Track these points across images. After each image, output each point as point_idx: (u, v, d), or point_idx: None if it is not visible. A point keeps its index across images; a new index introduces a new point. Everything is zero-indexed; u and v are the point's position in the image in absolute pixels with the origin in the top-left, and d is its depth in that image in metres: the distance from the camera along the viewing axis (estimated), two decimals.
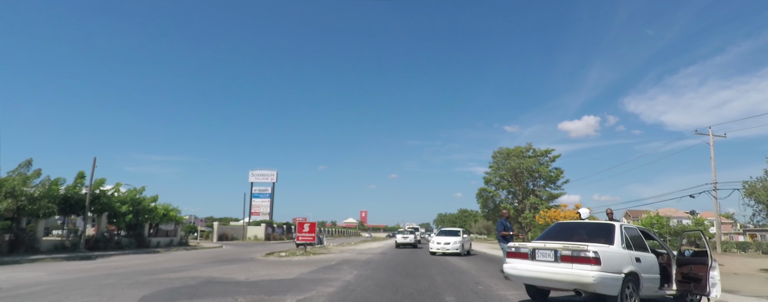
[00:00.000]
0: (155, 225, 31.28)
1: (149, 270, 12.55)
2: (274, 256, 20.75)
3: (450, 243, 22.14)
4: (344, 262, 15.56)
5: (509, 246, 7.18)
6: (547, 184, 58.77)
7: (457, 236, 22.87)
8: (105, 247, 24.45)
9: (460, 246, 22.00)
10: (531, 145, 60.77)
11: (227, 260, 18.07)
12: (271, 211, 60.26)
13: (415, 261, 16.05)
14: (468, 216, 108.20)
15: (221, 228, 50.38)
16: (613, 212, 10.46)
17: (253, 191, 61.34)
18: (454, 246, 22.01)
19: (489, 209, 62.01)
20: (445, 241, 22.30)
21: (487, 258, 20.36)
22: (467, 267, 13.45)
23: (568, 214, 42.14)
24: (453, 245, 22.05)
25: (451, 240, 22.31)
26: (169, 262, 16.64)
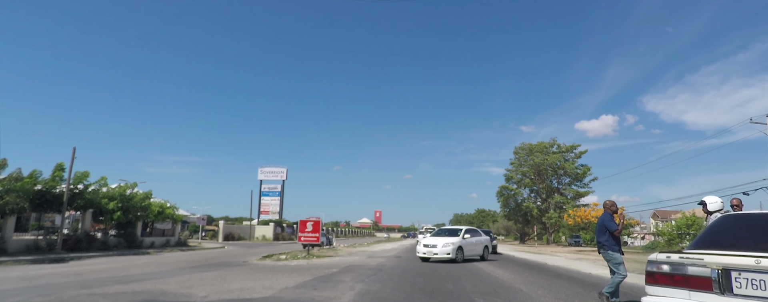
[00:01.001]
0: (150, 224, 28.77)
1: (103, 279, 9.84)
2: (270, 260, 17.89)
3: (438, 245, 16.27)
4: (349, 269, 12.56)
5: (657, 260, 3.83)
6: (573, 182, 55.03)
7: (453, 237, 17.21)
8: (87, 248, 21.94)
9: (453, 249, 16.18)
10: (555, 140, 57.15)
11: (212, 264, 15.26)
12: (280, 210, 57.72)
13: (437, 269, 12.92)
14: (486, 216, 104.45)
15: (227, 227, 47.96)
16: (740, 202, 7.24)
17: (263, 189, 58.90)
18: (444, 249, 16.12)
19: (510, 208, 58.47)
20: (432, 243, 16.61)
21: (525, 264, 17.03)
22: (511, 279, 10.27)
23: (599, 213, 38.46)
24: (442, 249, 16.15)
25: (441, 241, 16.51)
26: (142, 267, 13.91)
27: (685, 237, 47.56)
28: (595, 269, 15.79)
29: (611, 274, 6.92)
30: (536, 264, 16.90)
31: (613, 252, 6.89)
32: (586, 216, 38.57)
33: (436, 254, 16.29)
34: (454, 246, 16.36)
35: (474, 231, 18.91)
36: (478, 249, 18.45)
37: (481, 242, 18.78)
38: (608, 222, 6.99)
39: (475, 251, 18.06)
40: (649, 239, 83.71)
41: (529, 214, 54.89)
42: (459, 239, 17.03)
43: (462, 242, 16.97)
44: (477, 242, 18.38)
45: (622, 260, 6.77)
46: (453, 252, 16.21)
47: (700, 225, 47.73)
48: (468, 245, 17.43)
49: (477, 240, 18.48)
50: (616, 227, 6.94)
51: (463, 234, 17.62)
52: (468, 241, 17.56)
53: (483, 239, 19.17)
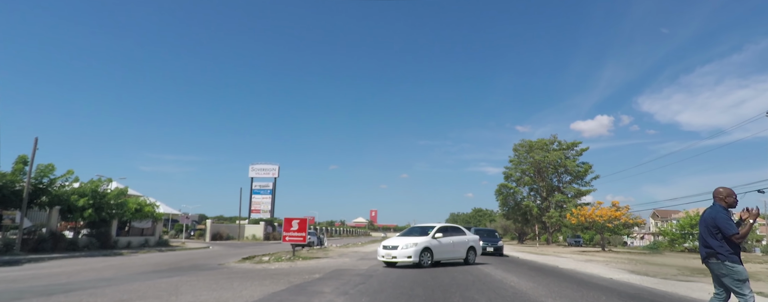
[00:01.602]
0: (127, 223, 26.77)
1: (28, 288, 8.03)
2: (250, 262, 16.01)
3: (399, 246, 13.47)
4: (334, 275, 10.70)
5: None
6: (574, 180, 53.34)
7: (421, 236, 14.21)
8: (52, 249, 19.97)
9: (416, 251, 13.28)
10: (556, 137, 55.41)
11: (180, 268, 13.37)
12: (272, 209, 55.72)
13: (439, 275, 11.08)
14: (483, 215, 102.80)
15: (215, 226, 45.95)
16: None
17: (253, 187, 56.86)
18: (404, 252, 13.30)
19: (509, 207, 56.71)
20: (392, 244, 13.82)
21: (536, 268, 15.09)
22: (531, 290, 8.39)
23: (604, 212, 36.87)
24: (402, 251, 13.32)
25: (404, 242, 13.62)
26: (99, 272, 12.02)
27: (689, 237, 46.07)
28: (615, 273, 14.02)
29: (721, 296, 4.70)
30: (549, 268, 15.09)
31: (733, 265, 4.49)
32: (590, 215, 36.85)
33: (395, 257, 13.41)
34: (417, 247, 13.47)
35: (452, 230, 15.64)
36: (458, 251, 15.17)
37: (461, 243, 15.37)
38: (723, 221, 4.55)
39: (452, 254, 14.93)
40: (649, 239, 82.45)
41: (529, 213, 53.18)
42: (426, 239, 14.01)
43: (430, 243, 13.98)
44: (456, 243, 15.10)
45: (746, 275, 4.48)
46: (416, 254, 13.32)
47: None
48: (440, 246, 14.33)
49: (455, 240, 15.12)
50: (736, 230, 4.51)
51: (433, 232, 14.35)
52: (441, 242, 14.40)
53: (466, 239, 15.66)
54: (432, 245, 14.04)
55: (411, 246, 13.50)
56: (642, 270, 16.10)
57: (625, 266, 18.35)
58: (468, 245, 15.67)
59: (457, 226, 16.32)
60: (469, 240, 15.92)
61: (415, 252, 13.35)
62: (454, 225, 16.54)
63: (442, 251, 14.46)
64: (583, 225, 38.03)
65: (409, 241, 13.74)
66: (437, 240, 14.38)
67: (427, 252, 13.76)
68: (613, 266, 18.13)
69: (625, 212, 36.76)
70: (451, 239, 15.04)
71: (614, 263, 20.30)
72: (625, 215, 36.29)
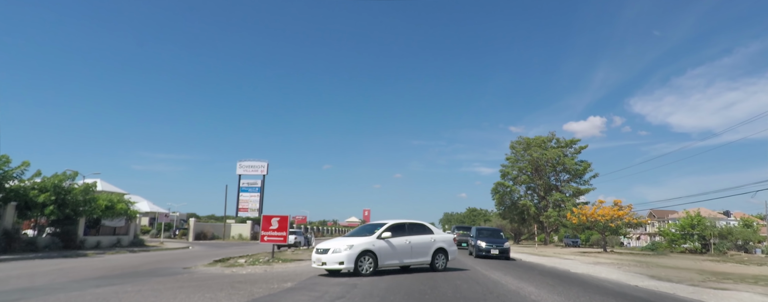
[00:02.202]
0: (97, 221, 24.71)
1: None
2: (222, 265, 14.12)
3: (330, 249, 10.71)
4: (310, 284, 8.86)
5: None
6: (573, 179, 51.81)
7: (365, 236, 11.41)
8: (6, 249, 17.93)
9: (349, 256, 10.49)
10: (554, 135, 53.87)
11: (137, 273, 11.47)
12: (260, 207, 53.54)
13: (439, 285, 9.23)
14: (477, 215, 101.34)
15: (199, 225, 43.90)
16: None
17: (241, 184, 54.69)
18: (335, 257, 10.51)
19: (505, 206, 55.10)
20: (324, 248, 10.96)
21: (549, 274, 13.09)
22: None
23: (606, 212, 35.28)
24: (332, 255, 10.54)
25: (338, 245, 10.84)
26: (44, 276, 10.16)
27: (689, 237, 44.67)
28: (636, 278, 12.31)
29: None
30: (561, 273, 13.33)
31: None
32: (591, 215, 35.25)
33: (325, 263, 10.58)
34: (352, 251, 10.54)
35: (412, 228, 12.35)
36: (420, 254, 12.12)
37: (423, 244, 12.24)
38: None
39: (410, 258, 11.89)
40: (645, 239, 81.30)
41: (526, 213, 51.58)
42: (367, 240, 11.08)
43: (373, 244, 11.04)
44: (416, 244, 12.03)
45: None
46: (349, 259, 10.46)
47: (705, 226, 44.97)
48: (389, 249, 11.34)
49: (414, 241, 12.04)
50: None
51: (380, 232, 11.41)
52: (391, 243, 11.45)
53: (430, 240, 12.47)
54: (376, 247, 11.04)
55: (343, 249, 10.56)
56: (662, 274, 14.42)
57: (639, 269, 16.69)
58: (435, 247, 12.48)
59: (419, 223, 12.83)
60: (438, 240, 12.65)
61: (349, 257, 10.49)
62: (417, 222, 12.80)
63: (391, 255, 11.40)
64: (585, 224, 36.44)
65: (343, 243, 10.79)
66: (385, 241, 11.35)
67: (366, 256, 10.82)
68: (626, 269, 16.46)
69: (628, 211, 35.21)
70: (406, 239, 11.86)
71: (625, 266, 18.64)
72: (629, 214, 34.72)
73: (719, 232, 44.22)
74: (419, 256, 12.19)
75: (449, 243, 13.06)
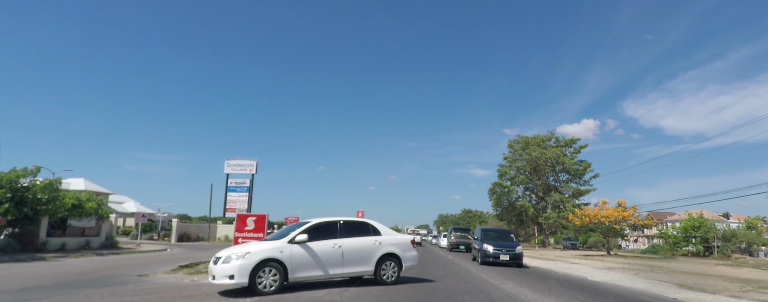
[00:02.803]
0: (63, 221, 22.65)
1: None
2: (185, 272, 12.24)
3: (220, 258, 8.13)
4: None
5: None
6: (572, 179, 50.16)
7: (277, 239, 8.86)
8: None
9: (242, 268, 7.82)
10: (553, 133, 52.22)
11: (79, 282, 9.62)
12: (248, 208, 51.40)
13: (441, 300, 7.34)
14: (473, 216, 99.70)
15: (183, 226, 41.82)
16: None
17: (229, 184, 52.14)
18: (224, 269, 7.86)
19: (503, 207, 53.37)
20: (217, 256, 8.39)
21: (570, 284, 11.29)
22: None
23: (610, 213, 33.63)
24: (222, 267, 7.92)
25: (231, 252, 8.18)
26: None
27: (691, 239, 43.16)
28: (674, 290, 10.55)
29: None
30: (583, 283, 11.53)
31: None
32: (594, 216, 33.60)
33: (214, 277, 7.98)
34: (246, 260, 7.86)
35: (345, 229, 9.38)
36: (356, 262, 9.20)
37: (362, 250, 9.33)
38: None
39: (338, 268, 8.97)
40: (643, 242, 79.94)
41: (524, 214, 49.89)
42: (275, 245, 8.38)
43: (283, 251, 8.29)
44: (349, 250, 9.13)
45: None
46: (242, 271, 7.77)
47: (708, 227, 43.52)
48: (305, 257, 8.54)
49: (347, 245, 9.15)
50: None
51: (296, 233, 8.67)
52: (310, 249, 8.64)
53: (372, 243, 9.51)
54: (285, 255, 8.24)
55: (237, 258, 7.83)
56: (689, 282, 12.71)
57: (659, 276, 14.96)
58: (381, 252, 9.49)
59: (358, 222, 9.91)
60: (385, 243, 9.63)
61: (241, 269, 7.74)
62: (355, 219, 10.00)
63: (309, 264, 8.53)
64: (587, 226, 34.77)
65: (239, 250, 8.14)
66: (300, 247, 8.50)
67: (269, 267, 8.01)
68: (644, 276, 14.74)
69: (633, 213, 33.59)
70: (335, 243, 8.96)
71: (641, 271, 16.91)
72: (634, 216, 33.10)
73: (723, 234, 42.76)
74: (356, 265, 9.14)
75: (404, 246, 9.94)
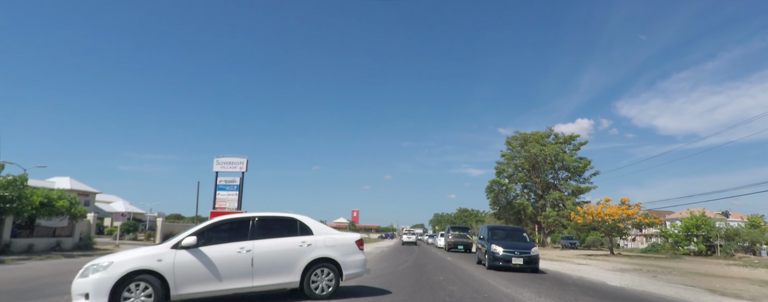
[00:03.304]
0: (30, 220, 20.94)
1: None
2: None
3: (80, 271, 6.36)
4: None
5: None
6: (572, 176, 48.87)
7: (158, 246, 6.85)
8: None
9: (101, 284, 5.91)
10: (552, 130, 50.91)
11: (13, 293, 7.97)
12: (238, 206, 49.73)
13: None
14: (469, 215, 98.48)
15: (168, 225, 40.08)
16: None
17: (218, 182, 50.44)
18: (81, 285, 6.02)
19: (500, 206, 52.01)
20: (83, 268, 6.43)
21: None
22: None
23: (614, 211, 32.33)
24: (79, 283, 6.06)
25: (93, 264, 6.23)
26: None
27: (693, 238, 41.99)
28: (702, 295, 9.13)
29: None
30: (608, 290, 10.05)
31: None
32: (597, 213, 32.27)
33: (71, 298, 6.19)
34: (106, 273, 6.03)
35: (260, 228, 7.20)
36: (274, 271, 7.01)
37: (281, 254, 7.11)
38: None
39: (246, 279, 6.81)
40: (640, 240, 78.94)
41: (523, 212, 48.54)
42: (152, 252, 6.47)
43: (162, 259, 6.36)
44: (262, 254, 6.95)
45: None
46: (100, 290, 5.92)
47: (711, 226, 42.36)
48: (197, 267, 6.51)
49: (259, 249, 6.97)
50: None
51: (183, 236, 6.67)
52: (203, 256, 6.58)
53: (299, 244, 7.30)
54: (165, 265, 6.27)
55: (95, 271, 6.05)
56: (717, 287, 11.36)
57: (680, 278, 13.58)
58: (310, 257, 7.21)
59: (281, 218, 7.52)
60: (318, 245, 7.34)
61: (99, 285, 5.90)
62: (276, 215, 7.55)
63: (203, 276, 6.48)
64: (590, 225, 33.42)
65: (104, 260, 6.24)
66: (190, 252, 6.47)
67: (141, 281, 6.12)
68: (662, 278, 13.36)
69: (638, 211, 32.28)
70: (241, 247, 6.81)
71: (658, 273, 15.52)
72: (639, 214, 31.79)
73: (725, 233, 41.60)
74: (272, 274, 6.89)
75: (344, 248, 7.55)
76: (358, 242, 7.83)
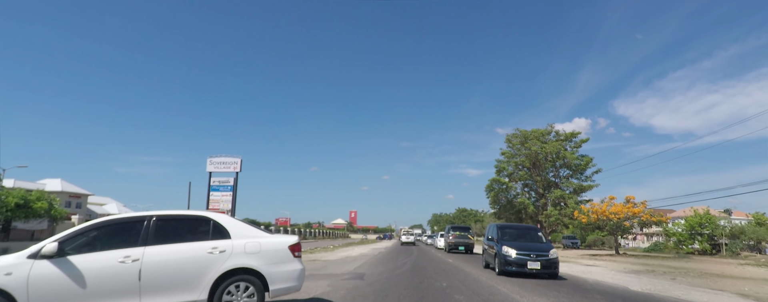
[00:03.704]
0: (6, 222, 19.77)
1: None
2: None
3: None
4: None
5: None
6: (573, 174, 47.78)
7: None
8: None
9: None
10: (553, 127, 49.75)
11: None
12: (232, 208, 48.45)
13: None
14: (468, 215, 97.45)
15: None
16: None
17: (212, 182, 49.42)
18: None
19: (501, 205, 50.90)
20: None
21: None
22: None
23: (620, 209, 31.27)
24: None
25: None
26: None
27: (697, 237, 41.03)
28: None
29: None
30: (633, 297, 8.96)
31: None
32: (602, 212, 31.21)
33: None
34: None
35: (151, 231, 5.58)
36: (169, 287, 5.39)
37: (180, 264, 5.50)
38: None
39: (129, 297, 5.23)
40: (641, 239, 78.05)
41: (524, 212, 47.45)
42: (2, 264, 5.02)
43: (12, 275, 4.89)
44: (153, 265, 5.38)
45: None
46: None
47: (715, 224, 41.38)
48: (65, 282, 5.02)
49: (151, 258, 5.40)
50: None
51: (46, 243, 5.16)
52: (71, 269, 5.07)
53: (208, 251, 5.65)
54: (16, 280, 4.88)
55: None
56: (757, 293, 10.25)
57: (706, 282, 12.52)
58: (223, 267, 5.63)
59: (189, 218, 6.00)
60: (234, 252, 5.74)
61: None
62: (182, 214, 6.04)
63: (71, 294, 5.03)
64: (595, 224, 32.38)
65: None
66: (52, 263, 5.06)
67: None
68: (683, 281, 12.30)
69: (643, 209, 31.25)
70: (126, 255, 5.33)
71: (679, 276, 14.44)
72: (646, 212, 30.76)
73: (731, 231, 40.62)
74: (167, 291, 5.40)
75: (271, 256, 5.89)
76: (292, 247, 6.07)
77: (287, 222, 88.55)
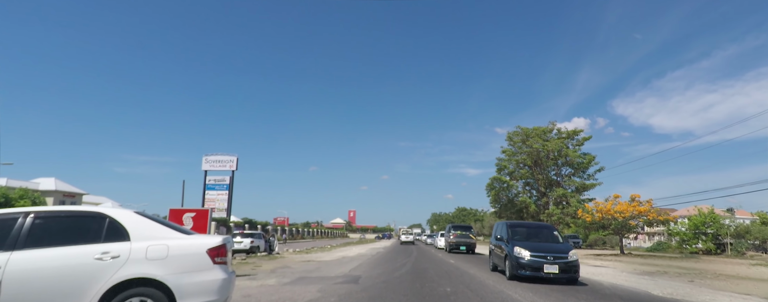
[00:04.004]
0: None
1: None
2: None
3: None
4: None
5: None
6: (576, 173, 46.91)
7: None
8: None
9: None
10: (555, 124, 48.90)
11: None
12: (228, 207, 47.36)
13: None
14: (468, 214, 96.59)
15: None
16: None
17: (207, 181, 48.36)
18: None
19: (502, 204, 50.01)
20: None
21: None
22: None
23: (624, 208, 30.43)
24: None
25: None
26: None
27: (701, 236, 40.21)
28: None
29: None
30: None
31: None
32: (608, 212, 30.36)
33: None
34: None
35: (28, 231, 4.36)
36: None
37: (55, 270, 4.18)
38: None
39: None
40: (643, 238, 77.27)
41: (525, 211, 46.59)
42: None
43: None
44: (22, 274, 4.10)
45: None
46: None
47: (720, 224, 40.53)
48: None
49: (17, 266, 4.11)
50: None
51: None
52: None
53: (96, 257, 4.29)
54: None
55: None
56: None
57: (726, 285, 11.68)
58: (115, 277, 4.26)
59: (78, 215, 4.81)
60: (132, 258, 4.40)
61: None
62: (68, 209, 4.96)
63: None
64: (599, 223, 31.52)
65: None
66: None
67: None
68: (706, 284, 11.46)
69: (649, 208, 30.41)
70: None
71: (698, 278, 13.60)
72: (652, 210, 29.92)
73: (736, 231, 39.78)
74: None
75: (186, 263, 4.59)
76: (213, 251, 4.74)
77: (285, 221, 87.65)
